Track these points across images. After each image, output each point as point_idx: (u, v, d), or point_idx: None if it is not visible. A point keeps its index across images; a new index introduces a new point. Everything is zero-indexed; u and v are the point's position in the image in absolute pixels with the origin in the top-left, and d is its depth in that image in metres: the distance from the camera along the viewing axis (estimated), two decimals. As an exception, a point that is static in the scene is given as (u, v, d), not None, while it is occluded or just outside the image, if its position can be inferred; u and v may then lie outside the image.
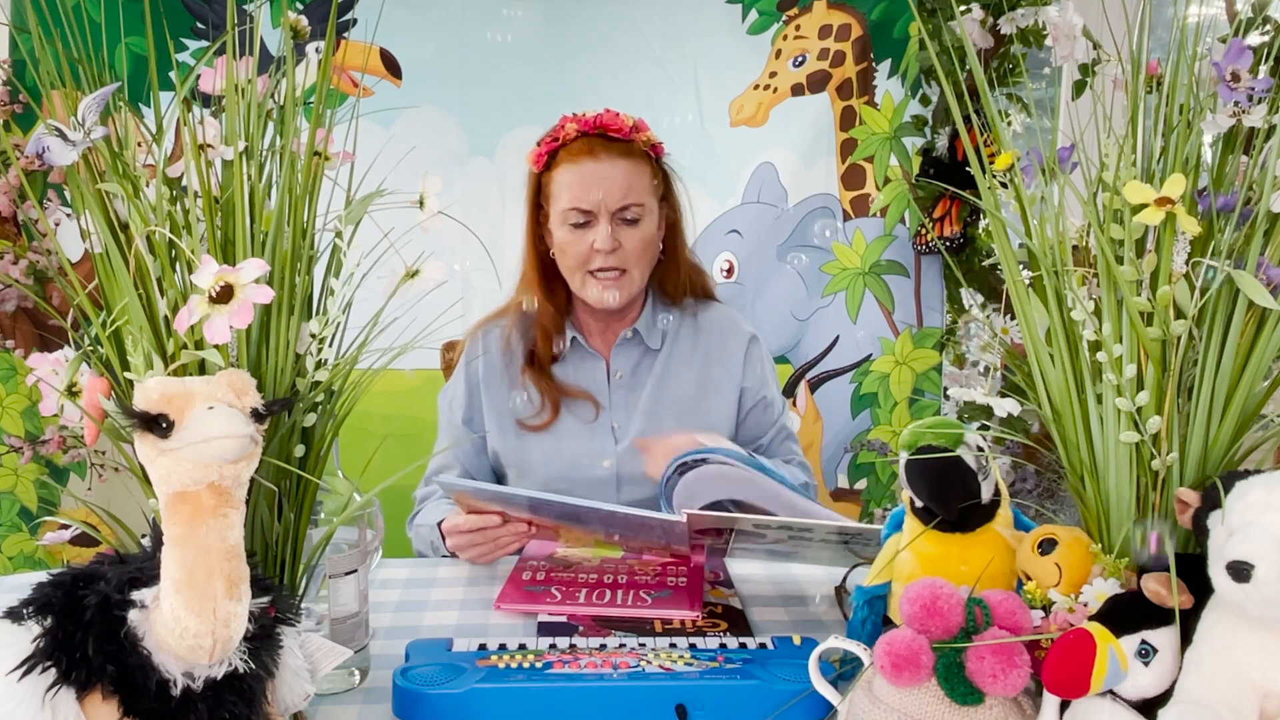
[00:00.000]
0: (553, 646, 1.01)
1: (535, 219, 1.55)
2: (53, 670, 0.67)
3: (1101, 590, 0.82)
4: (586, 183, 1.46)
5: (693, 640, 1.04)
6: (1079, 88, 1.52)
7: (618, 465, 1.52)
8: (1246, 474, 0.75)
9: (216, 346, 0.75)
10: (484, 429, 1.56)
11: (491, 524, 1.30)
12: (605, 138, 1.49)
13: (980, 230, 2.21)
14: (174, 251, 0.81)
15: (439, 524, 1.38)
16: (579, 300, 1.56)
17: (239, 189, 0.82)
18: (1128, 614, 0.78)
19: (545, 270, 1.56)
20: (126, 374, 0.78)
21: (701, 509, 1.20)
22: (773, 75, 2.32)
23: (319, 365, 0.85)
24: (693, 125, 2.26)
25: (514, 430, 1.54)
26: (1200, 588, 0.76)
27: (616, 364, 1.58)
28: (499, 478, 1.59)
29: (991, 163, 0.91)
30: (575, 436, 1.53)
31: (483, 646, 1.00)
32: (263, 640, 0.74)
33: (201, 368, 0.78)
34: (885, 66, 2.31)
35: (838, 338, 2.40)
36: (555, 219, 1.50)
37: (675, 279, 1.60)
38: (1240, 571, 0.70)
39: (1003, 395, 0.91)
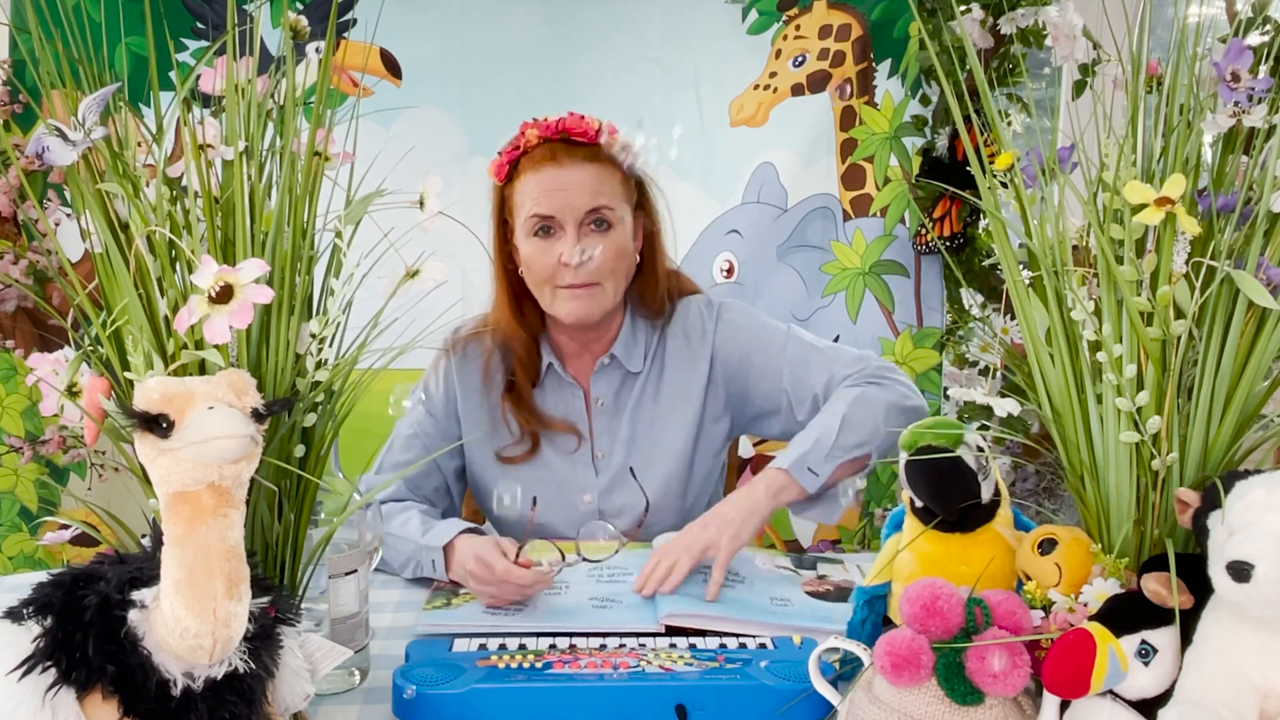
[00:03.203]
0: (553, 647, 1.01)
1: (501, 235, 1.43)
2: (53, 670, 0.67)
3: (1101, 590, 0.82)
4: (549, 189, 1.34)
5: (693, 640, 1.04)
6: (1079, 88, 1.51)
7: (599, 499, 1.44)
8: (1246, 474, 0.75)
9: (216, 346, 0.75)
10: (457, 436, 1.46)
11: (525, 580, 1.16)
12: (569, 142, 1.37)
13: (980, 230, 2.21)
14: (174, 251, 0.81)
15: (445, 546, 1.25)
16: (553, 322, 1.44)
17: (239, 189, 0.82)
18: (1128, 614, 0.78)
19: (515, 291, 1.44)
20: (126, 374, 0.78)
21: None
22: (773, 75, 2.32)
23: (319, 365, 0.85)
24: (693, 125, 2.26)
25: (492, 461, 1.46)
26: (1200, 588, 0.76)
27: (597, 391, 1.47)
28: (481, 498, 1.50)
29: (991, 163, 0.91)
30: (556, 469, 1.45)
31: (483, 646, 1.00)
32: (263, 640, 0.75)
33: (201, 368, 0.78)
34: (885, 66, 2.31)
35: (838, 338, 2.39)
36: (520, 231, 1.38)
37: (654, 292, 1.47)
38: (1240, 571, 0.70)
39: (1003, 395, 0.91)
